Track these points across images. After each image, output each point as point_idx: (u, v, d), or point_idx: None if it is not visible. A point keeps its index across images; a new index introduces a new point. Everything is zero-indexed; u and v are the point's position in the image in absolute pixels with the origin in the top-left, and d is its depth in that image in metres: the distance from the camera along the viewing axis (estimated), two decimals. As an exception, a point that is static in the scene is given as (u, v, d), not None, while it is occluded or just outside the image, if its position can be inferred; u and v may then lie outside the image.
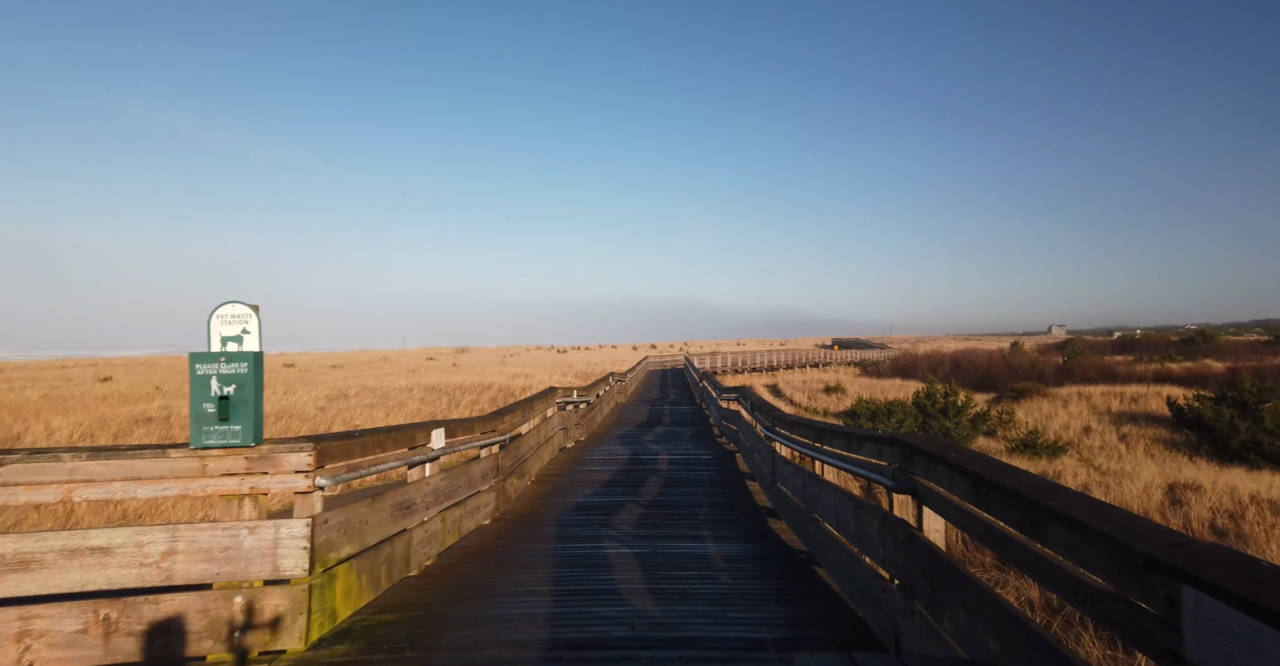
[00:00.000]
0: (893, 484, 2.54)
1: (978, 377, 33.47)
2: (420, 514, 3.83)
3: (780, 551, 4.38)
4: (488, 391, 29.34)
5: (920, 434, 2.52)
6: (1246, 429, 16.30)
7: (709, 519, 5.45)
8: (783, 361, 46.35)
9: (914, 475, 2.41)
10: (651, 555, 4.30)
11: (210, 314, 2.59)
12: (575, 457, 8.79)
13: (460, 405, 25.62)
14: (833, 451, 3.63)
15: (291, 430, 18.32)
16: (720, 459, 8.63)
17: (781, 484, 5.33)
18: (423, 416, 22.70)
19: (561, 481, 7.18)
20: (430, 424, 4.12)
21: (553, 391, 8.80)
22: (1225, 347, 47.15)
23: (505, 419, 5.96)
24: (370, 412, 22.48)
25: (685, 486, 6.86)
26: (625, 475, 7.52)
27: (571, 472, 7.70)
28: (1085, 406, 22.70)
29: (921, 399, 19.45)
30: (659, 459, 8.61)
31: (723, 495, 6.43)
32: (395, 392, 28.11)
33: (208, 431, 2.50)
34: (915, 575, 2.36)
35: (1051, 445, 16.12)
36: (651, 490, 6.69)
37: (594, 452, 9.29)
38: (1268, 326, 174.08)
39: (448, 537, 4.33)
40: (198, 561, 2.43)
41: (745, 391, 8.45)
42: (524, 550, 4.47)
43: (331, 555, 2.76)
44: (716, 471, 7.68)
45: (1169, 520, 8.44)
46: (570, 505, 6.05)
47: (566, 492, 6.62)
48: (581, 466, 8.12)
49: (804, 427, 4.40)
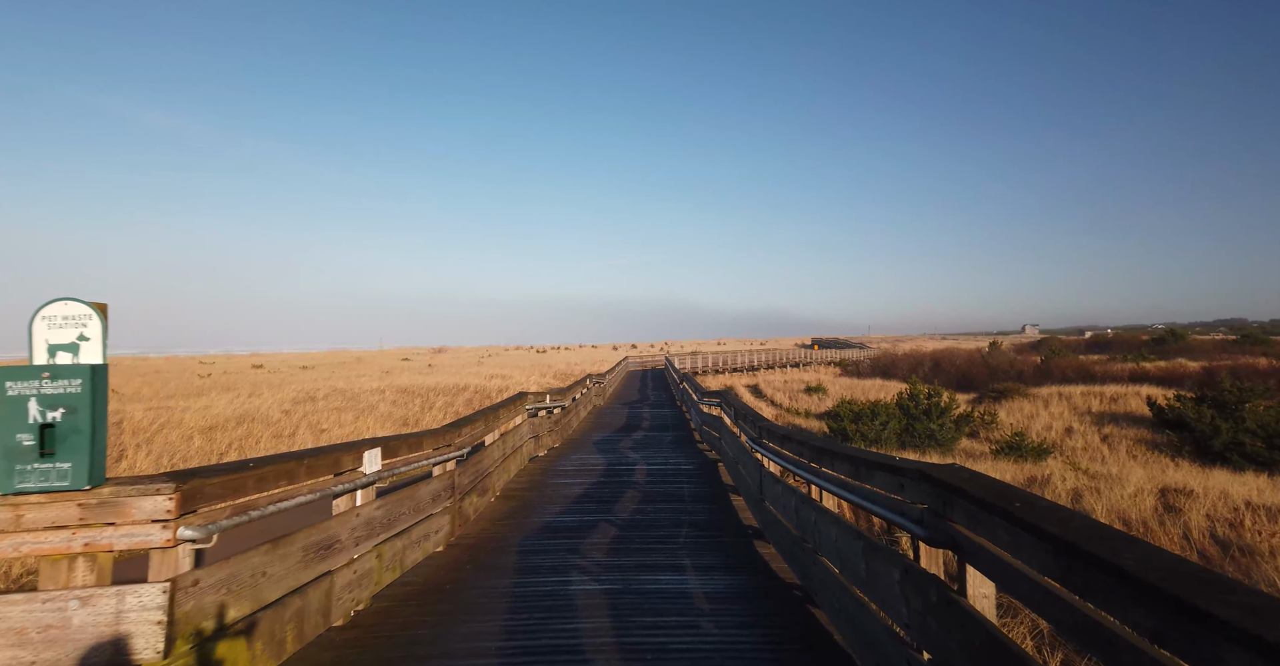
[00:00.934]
0: (922, 532, 1.99)
1: (957, 377, 33.47)
2: (348, 552, 3.21)
3: (770, 586, 3.83)
4: (462, 393, 28.54)
5: (961, 469, 1.98)
6: (1228, 430, 16.25)
7: (690, 542, 4.89)
8: (763, 361, 46.09)
9: (952, 522, 1.87)
10: (624, 592, 3.73)
11: (33, 315, 1.95)
12: (546, 468, 8.18)
13: (434, 407, 24.82)
14: (833, 475, 3.09)
15: (253, 436, 17.43)
16: (702, 469, 8.09)
17: (770, 503, 4.79)
18: (393, 421, 21.88)
19: (530, 497, 6.57)
20: (363, 443, 3.50)
21: (522, 397, 8.18)
22: (1196, 347, 48.00)
23: (464, 430, 5.34)
24: (338, 416, 21.60)
25: (664, 502, 6.30)
26: (600, 488, 6.93)
27: (541, 486, 7.10)
28: (1066, 407, 22.65)
29: (905, 400, 19.15)
30: (636, 469, 8.04)
31: (705, 512, 5.88)
32: (366, 394, 27.19)
33: (23, 471, 1.86)
34: (953, 650, 1.82)
35: (1036, 447, 15.87)
36: (628, 506, 6.12)
37: (567, 462, 8.69)
38: (1232, 326, 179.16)
39: (386, 575, 3.71)
40: (3, 648, 1.80)
41: (728, 397, 7.92)
42: (477, 587, 3.86)
43: (207, 624, 2.14)
44: (698, 484, 7.13)
45: (1168, 529, 8.10)
46: (537, 526, 5.45)
47: (534, 510, 6.02)
48: (553, 478, 7.52)
49: (797, 444, 3.85)
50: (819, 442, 3.42)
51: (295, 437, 17.47)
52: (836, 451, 3.03)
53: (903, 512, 2.22)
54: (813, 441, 3.54)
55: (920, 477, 2.06)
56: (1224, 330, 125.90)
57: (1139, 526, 8.23)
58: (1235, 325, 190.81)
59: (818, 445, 3.36)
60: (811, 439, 3.64)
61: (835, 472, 3.06)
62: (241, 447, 16.23)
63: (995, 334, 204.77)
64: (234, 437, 17.29)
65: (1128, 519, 8.34)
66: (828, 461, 3.18)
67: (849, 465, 2.81)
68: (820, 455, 3.31)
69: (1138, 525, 8.23)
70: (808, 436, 3.76)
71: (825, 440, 3.41)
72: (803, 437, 3.79)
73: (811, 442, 3.53)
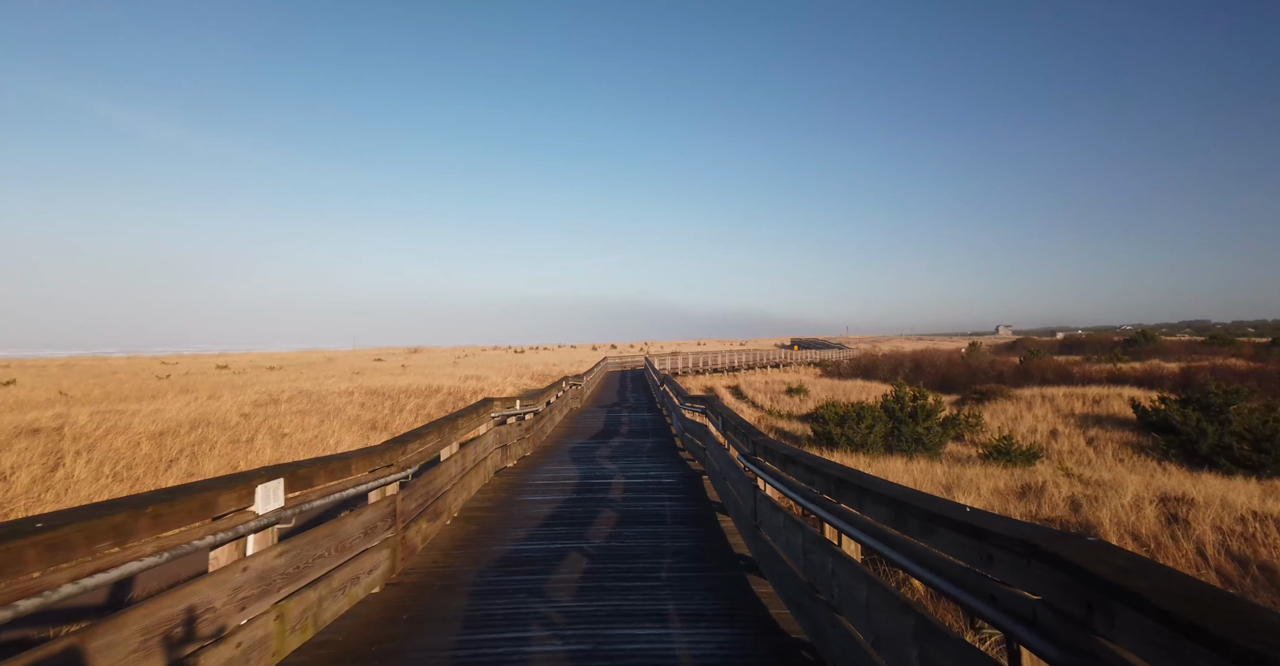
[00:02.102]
0: (1049, 648, 1.27)
1: (938, 378, 33.31)
2: (229, 619, 2.44)
3: (774, 644, 3.11)
4: (435, 395, 27.56)
5: (1106, 547, 1.27)
6: (1214, 433, 16.05)
7: (673, 579, 4.17)
8: (744, 362, 45.66)
9: (1107, 641, 1.17)
10: (594, 655, 3.00)
11: None
12: (514, 482, 7.40)
13: (404, 410, 23.84)
14: (862, 518, 2.40)
15: (208, 441, 16.37)
16: (685, 482, 7.38)
17: (768, 533, 4.10)
18: (360, 424, 20.87)
19: (492, 518, 5.80)
20: (257, 474, 2.71)
21: (487, 403, 7.39)
22: (1167, 348, 48.72)
23: (409, 447, 4.56)
24: (302, 419, 20.54)
25: (643, 523, 5.57)
26: (572, 507, 6.19)
27: (507, 504, 6.32)
28: (1049, 408, 22.44)
29: (890, 402, 18.69)
30: (613, 484, 7.30)
31: (689, 537, 5.16)
32: (333, 397, 26.10)
33: None
34: None
35: (1025, 452, 15.49)
36: (602, 530, 5.38)
37: (538, 475, 7.92)
38: (1196, 327, 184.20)
39: (292, 639, 2.92)
40: None
41: (714, 403, 7.23)
42: (410, 650, 3.09)
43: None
44: (681, 501, 6.42)
45: (1181, 545, 7.60)
46: (497, 556, 4.69)
47: (495, 535, 5.25)
48: (520, 495, 6.75)
49: (806, 469, 3.15)
50: (838, 472, 2.71)
51: (254, 443, 16.44)
52: (868, 487, 2.32)
53: (992, 598, 1.52)
54: (828, 469, 2.84)
55: (1031, 553, 1.36)
56: (1189, 331, 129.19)
57: (1149, 541, 7.73)
58: (1199, 326, 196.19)
59: (837, 476, 2.65)
60: (827, 466, 2.94)
61: (865, 515, 2.36)
62: (194, 454, 15.16)
63: (970, 335, 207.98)
64: (186, 443, 16.19)
65: (1137, 533, 7.83)
66: (853, 497, 2.48)
67: (890, 510, 2.11)
68: (841, 488, 2.61)
69: (1148, 540, 7.73)
70: (820, 463, 3.06)
71: (847, 470, 2.71)
72: (813, 463, 3.09)
73: (827, 470, 2.83)
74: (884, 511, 2.15)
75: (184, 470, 13.79)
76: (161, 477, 13.12)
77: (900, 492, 2.13)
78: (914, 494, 2.09)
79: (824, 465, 2.94)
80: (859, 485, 2.41)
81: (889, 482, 2.32)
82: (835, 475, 2.68)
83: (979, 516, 1.68)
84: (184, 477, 13.20)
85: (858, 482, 2.44)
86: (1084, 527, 8.01)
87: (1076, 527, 8.03)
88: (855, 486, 2.44)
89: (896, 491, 2.15)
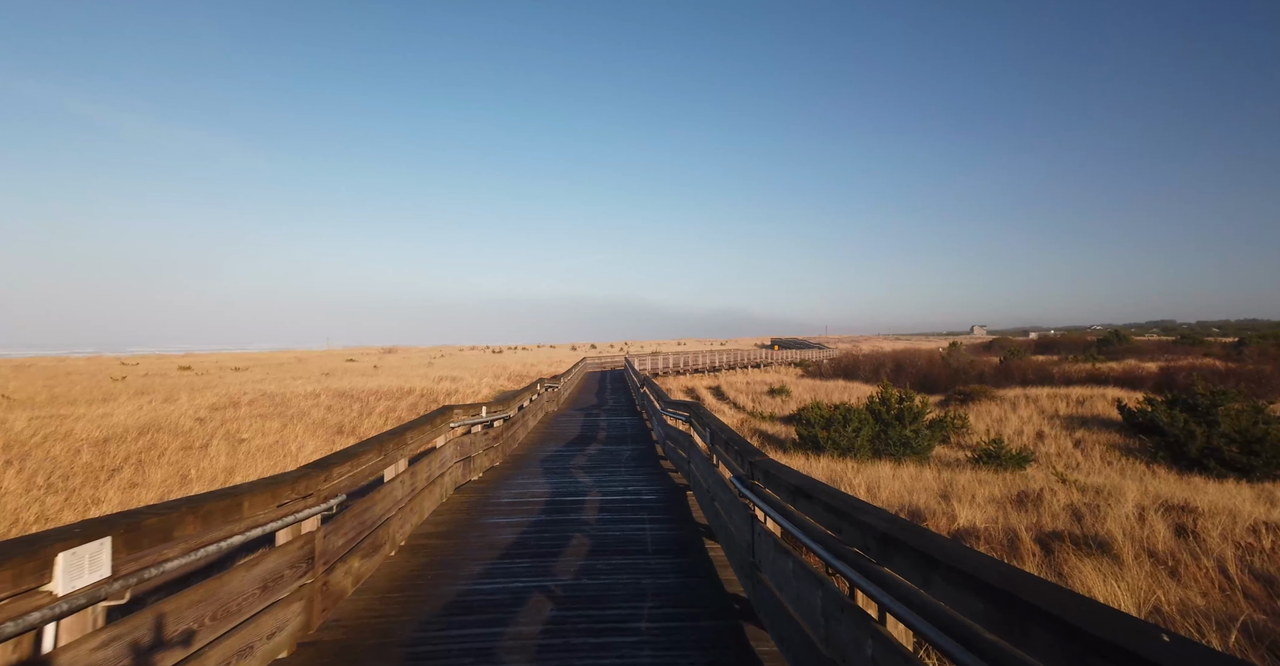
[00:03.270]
0: None
1: (919, 379, 33.07)
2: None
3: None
4: (407, 397, 26.55)
5: None
6: (1202, 434, 15.77)
7: (656, 631, 3.43)
8: (725, 362, 45.14)
9: None
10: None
11: None
12: (476, 501, 6.59)
13: (373, 413, 22.82)
14: (916, 593, 1.68)
15: (157, 447, 15.27)
16: (667, 499, 6.64)
17: (769, 577, 3.37)
18: (326, 428, 19.82)
19: (445, 548, 4.99)
20: (61, 534, 1.90)
21: (445, 412, 6.57)
22: (1141, 348, 49.31)
23: (336, 470, 3.74)
24: (263, 423, 19.44)
25: (620, 553, 4.82)
26: (539, 532, 5.41)
27: (464, 529, 5.52)
28: (1034, 410, 22.17)
29: (876, 404, 18.18)
30: (587, 502, 6.53)
31: (674, 572, 4.41)
32: (298, 399, 24.95)
33: None
34: None
35: (1016, 456, 15.05)
36: (572, 562, 4.62)
37: (505, 490, 7.12)
38: (1164, 327, 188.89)
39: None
40: None
41: (699, 411, 6.49)
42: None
43: None
44: (663, 523, 5.68)
45: (1201, 562, 7.06)
46: (445, 600, 3.90)
47: (447, 571, 4.46)
48: (482, 516, 5.95)
49: (829, 510, 2.42)
50: (881, 522, 1.98)
51: (208, 449, 15.36)
52: (938, 557, 1.58)
53: None
54: (866, 516, 2.10)
55: None
56: (1157, 331, 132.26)
57: (1166, 558, 7.19)
58: (1166, 326, 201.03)
59: (881, 529, 1.92)
60: (862, 510, 2.20)
61: (935, 597, 1.63)
62: (141, 462, 14.06)
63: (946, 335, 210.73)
64: (133, 450, 15.05)
65: (1153, 550, 7.29)
66: (908, 564, 1.74)
67: (988, 603, 1.38)
68: (889, 548, 1.88)
69: (1165, 557, 7.19)
70: (852, 505, 2.31)
71: (894, 521, 1.98)
72: (840, 503, 2.35)
73: (862, 517, 2.10)
74: (974, 603, 1.43)
75: (127, 479, 12.71)
76: (102, 488, 12.05)
77: (999, 576, 1.40)
78: (1025, 580, 1.36)
79: (857, 509, 2.20)
80: (919, 549, 1.68)
81: (972, 552, 1.59)
82: (878, 527, 1.95)
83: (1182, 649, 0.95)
84: (127, 488, 12.15)
85: (918, 545, 1.70)
86: (1097, 542, 7.45)
87: (1090, 540, 7.47)
88: (913, 550, 1.71)
89: (992, 574, 1.42)
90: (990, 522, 8.60)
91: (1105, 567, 6.45)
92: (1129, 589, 5.63)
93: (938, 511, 8.99)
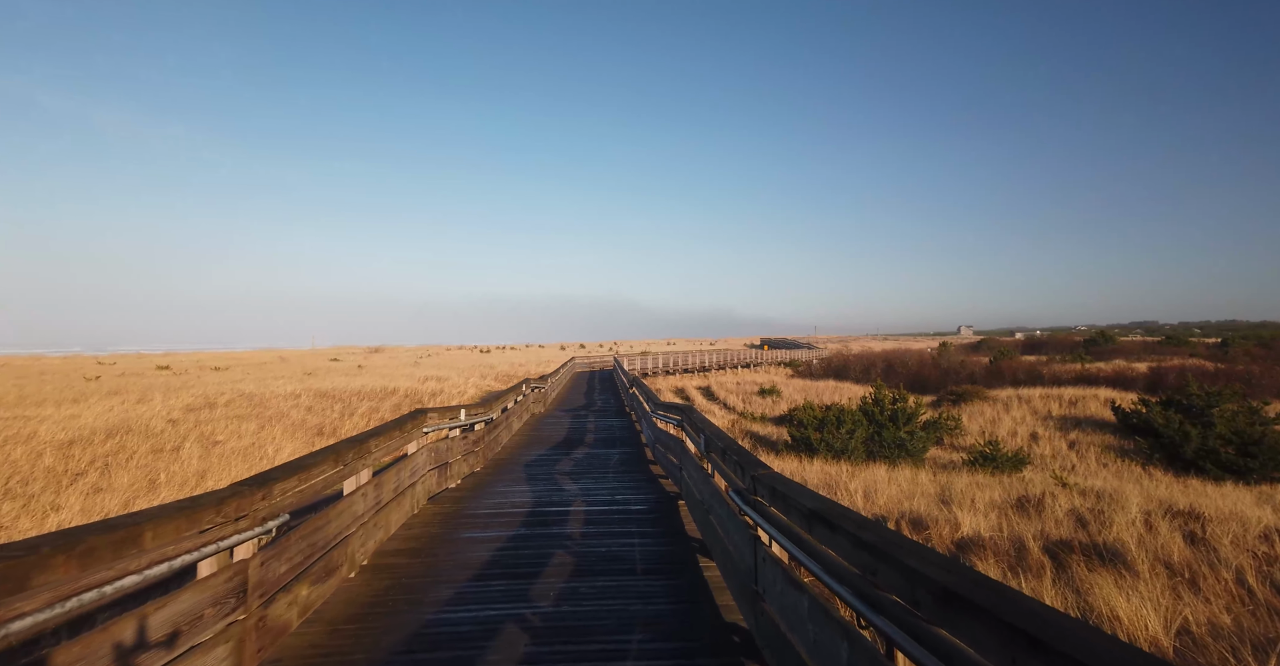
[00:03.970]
0: None
1: (910, 379, 32.88)
2: None
3: None
4: (391, 397, 25.93)
5: None
6: (1198, 436, 15.57)
7: (645, 672, 2.98)
8: (714, 362, 44.79)
9: None
10: None
11: None
12: (451, 513, 6.10)
13: (355, 413, 22.21)
14: None
15: (126, 450, 14.61)
16: (657, 508, 6.19)
17: (774, 608, 2.93)
18: (306, 430, 19.20)
19: (412, 568, 4.50)
20: None
21: (418, 416, 6.07)
22: (1127, 348, 49.56)
23: (279, 486, 3.26)
24: (239, 425, 18.79)
25: (607, 573, 4.36)
26: (518, 548, 4.93)
27: (435, 546, 5.03)
28: (1026, 410, 21.94)
29: (869, 405, 17.83)
30: (571, 512, 6.06)
31: (666, 596, 3.95)
32: (278, 400, 24.25)
33: None
34: None
35: (1012, 458, 14.75)
36: (553, 584, 4.15)
37: (483, 499, 6.63)
38: (1147, 327, 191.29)
39: None
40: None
41: (692, 415, 6.05)
42: None
43: None
44: (653, 537, 5.22)
45: (1219, 574, 6.73)
46: (405, 634, 3.42)
47: (411, 596, 3.97)
48: (456, 530, 5.46)
49: (858, 545, 1.97)
50: (941, 573, 1.53)
51: (180, 452, 14.72)
52: (1042, 637, 1.15)
53: None
54: (912, 558, 1.66)
55: None
56: (1140, 332, 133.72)
57: (1182, 569, 6.84)
58: (1149, 327, 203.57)
59: (941, 583, 1.47)
60: (908, 551, 1.75)
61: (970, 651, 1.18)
62: (108, 465, 13.42)
63: (933, 335, 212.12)
64: (100, 453, 14.39)
65: (1169, 561, 6.94)
66: (998, 641, 1.31)
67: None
68: (952, 608, 1.44)
69: (1181, 568, 6.85)
70: (889, 541, 1.86)
71: (955, 569, 1.54)
72: (877, 539, 1.90)
73: (909, 559, 1.65)
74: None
75: (91, 484, 12.08)
76: (64, 494, 11.43)
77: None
78: None
79: (900, 547, 1.75)
80: (1006, 617, 1.24)
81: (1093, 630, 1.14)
82: (935, 578, 1.50)
83: None
84: (91, 493, 11.54)
85: (1003, 612, 1.26)
86: (1108, 551, 7.09)
87: (1100, 550, 7.10)
88: (994, 618, 1.27)
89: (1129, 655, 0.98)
90: (994, 531, 8.22)
91: (1122, 581, 6.09)
92: (1153, 605, 5.25)
93: (940, 518, 8.60)
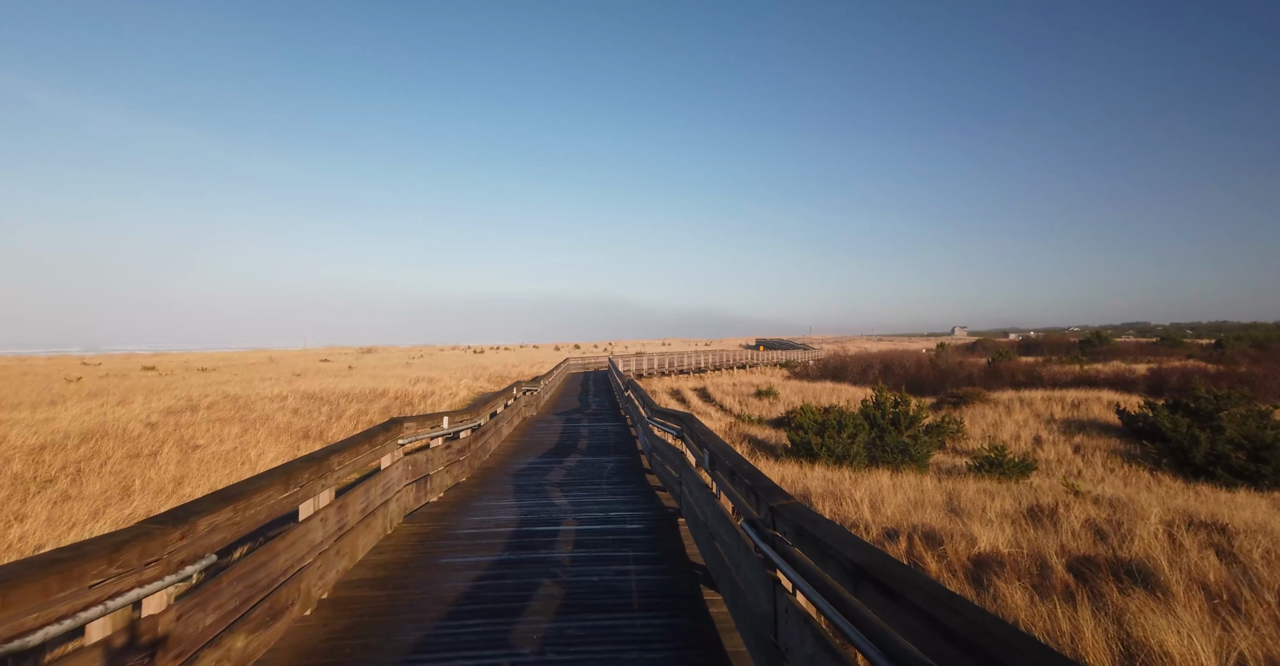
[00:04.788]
0: None
1: (908, 380, 32.47)
2: None
3: None
4: (380, 399, 25.30)
5: None
6: (1207, 440, 15.16)
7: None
8: (710, 363, 44.30)
9: None
10: None
11: None
12: (429, 532, 5.55)
13: (344, 416, 21.57)
14: None
15: (101, 455, 13.96)
16: (655, 529, 5.65)
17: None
18: (291, 433, 18.56)
19: (377, 603, 3.96)
20: None
21: (393, 425, 5.53)
22: (1123, 349, 49.38)
23: (205, 520, 2.72)
24: (221, 428, 18.13)
25: (599, 609, 3.83)
26: (500, 578, 4.40)
27: (407, 574, 4.49)
28: (1029, 413, 21.52)
29: (870, 408, 17.37)
30: (561, 532, 5.52)
31: (666, 642, 3.42)
32: (263, 402, 23.58)
33: None
34: None
35: (1019, 464, 14.29)
36: (538, 626, 3.62)
37: (466, 517, 6.09)
38: (1139, 328, 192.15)
39: None
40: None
41: (693, 425, 5.52)
42: None
43: None
44: (652, 564, 4.69)
45: (1261, 596, 6.25)
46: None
47: (371, 642, 3.43)
48: (432, 555, 4.92)
49: (935, 628, 1.46)
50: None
51: (158, 457, 14.08)
52: None
53: None
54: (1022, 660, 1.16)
55: None
56: (1133, 332, 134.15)
57: (1220, 591, 6.37)
58: (1141, 328, 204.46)
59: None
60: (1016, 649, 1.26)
61: None
62: (80, 471, 12.78)
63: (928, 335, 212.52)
64: (72, 459, 13.73)
65: (1205, 582, 6.47)
66: None
67: None
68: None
69: (1218, 590, 6.38)
70: (986, 629, 1.36)
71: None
72: (963, 623, 1.39)
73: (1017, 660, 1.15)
74: None
75: (61, 491, 11.44)
76: (30, 502, 10.79)
77: None
78: None
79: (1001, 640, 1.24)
80: None
81: None
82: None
83: None
84: (59, 501, 10.90)
85: None
86: (1138, 569, 6.61)
87: (1129, 568, 6.62)
88: None
89: None
90: (1012, 546, 7.73)
91: (1158, 604, 5.61)
92: (1203, 637, 4.75)
93: (954, 532, 8.11)
